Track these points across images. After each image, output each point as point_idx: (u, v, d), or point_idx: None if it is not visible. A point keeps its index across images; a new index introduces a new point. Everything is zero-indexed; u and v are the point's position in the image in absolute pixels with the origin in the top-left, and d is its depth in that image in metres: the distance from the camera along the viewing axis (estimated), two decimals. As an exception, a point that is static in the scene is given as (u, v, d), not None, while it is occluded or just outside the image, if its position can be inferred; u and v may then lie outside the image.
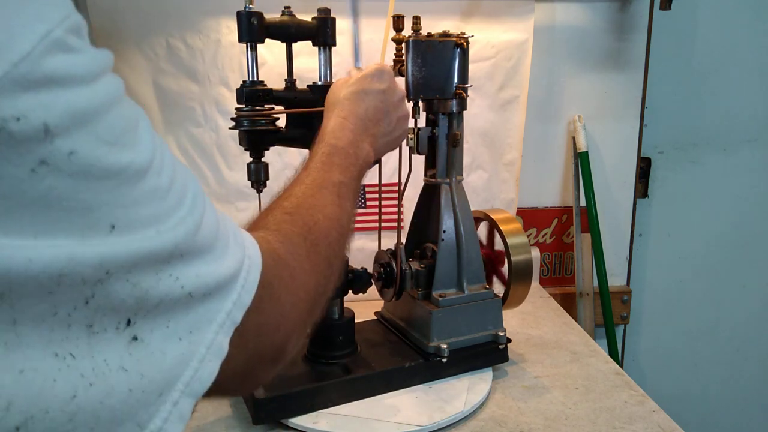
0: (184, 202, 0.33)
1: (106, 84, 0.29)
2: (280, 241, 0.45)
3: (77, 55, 0.27)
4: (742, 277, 1.48)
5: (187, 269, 0.32)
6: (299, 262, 0.46)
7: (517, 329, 1.09)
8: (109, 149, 0.28)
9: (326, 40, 0.79)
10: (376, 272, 0.90)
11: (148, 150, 0.31)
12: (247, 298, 0.37)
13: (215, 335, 0.34)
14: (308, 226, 0.50)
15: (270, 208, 0.51)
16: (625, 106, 1.33)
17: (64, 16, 0.27)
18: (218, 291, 0.35)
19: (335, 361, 0.86)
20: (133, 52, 1.15)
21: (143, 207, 0.30)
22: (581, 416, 0.80)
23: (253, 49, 0.75)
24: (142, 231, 0.29)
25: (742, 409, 1.55)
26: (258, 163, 0.77)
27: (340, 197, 0.55)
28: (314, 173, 0.56)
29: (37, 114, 0.25)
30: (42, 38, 0.26)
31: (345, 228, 0.55)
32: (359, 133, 0.63)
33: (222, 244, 0.36)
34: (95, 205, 0.27)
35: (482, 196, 1.29)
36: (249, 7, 0.72)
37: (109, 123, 0.28)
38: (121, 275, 0.28)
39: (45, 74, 0.25)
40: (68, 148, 0.26)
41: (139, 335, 0.30)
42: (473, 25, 1.22)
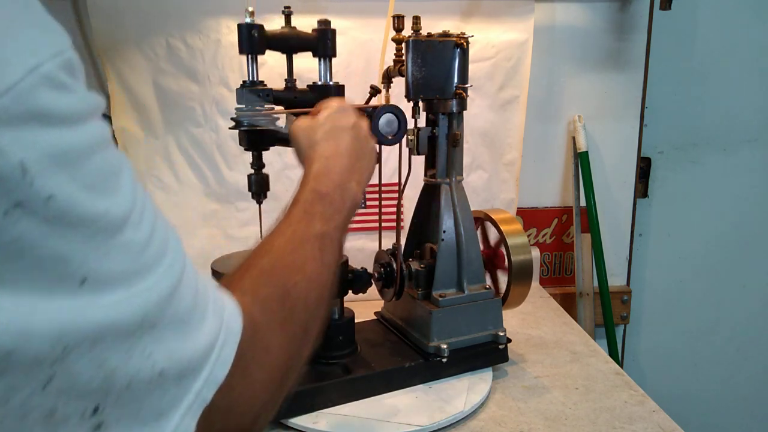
0: (161, 261, 0.30)
1: (92, 128, 0.28)
2: (255, 306, 0.41)
3: (66, 93, 0.26)
4: (742, 277, 1.48)
5: (159, 344, 0.29)
6: (274, 332, 0.42)
7: (517, 329, 1.09)
8: (88, 196, 0.26)
9: (326, 52, 0.78)
10: (376, 272, 0.90)
11: (128, 201, 0.29)
12: (220, 373, 0.34)
13: (182, 419, 0.31)
14: (286, 289, 0.46)
15: (247, 266, 0.46)
16: (625, 106, 1.33)
17: (58, 51, 0.26)
18: (191, 368, 0.32)
19: (335, 361, 0.86)
20: (133, 52, 1.15)
21: (117, 261, 0.27)
22: (581, 416, 0.80)
23: (254, 58, 0.75)
24: (114, 288, 0.27)
25: (742, 409, 1.55)
26: (259, 175, 0.78)
27: (322, 251, 0.51)
28: (295, 224, 0.52)
29: (15, 151, 0.23)
30: (30, 71, 0.24)
31: (326, 286, 0.50)
32: (346, 173, 0.59)
33: (199, 314, 0.33)
34: (68, 254, 0.25)
35: (482, 196, 1.29)
36: (249, 20, 0.72)
37: (90, 168, 0.27)
38: (83, 352, 0.25)
39: (29, 109, 0.24)
40: (47, 192, 0.24)
41: (105, 422, 0.27)
42: (473, 25, 1.22)
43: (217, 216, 1.22)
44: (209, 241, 1.22)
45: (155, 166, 1.20)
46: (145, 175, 1.20)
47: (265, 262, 0.47)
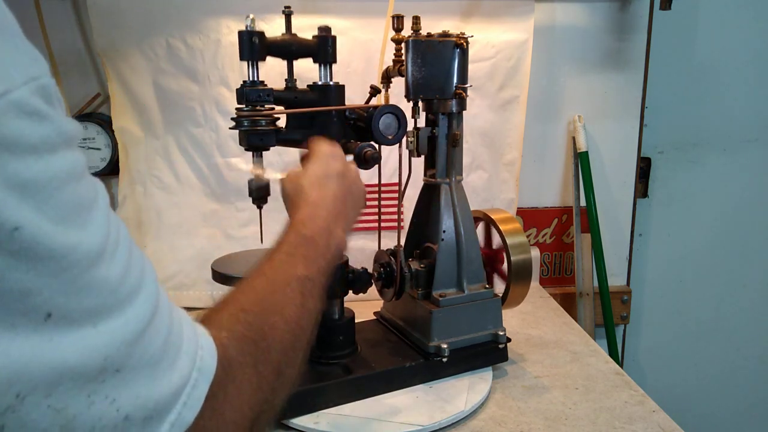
0: (134, 298, 0.29)
1: (64, 159, 0.26)
2: (231, 344, 0.40)
3: (37, 122, 0.25)
4: (742, 277, 1.48)
5: (124, 389, 0.28)
6: (246, 371, 0.41)
7: (517, 329, 1.09)
8: (56, 228, 0.25)
9: (327, 58, 0.79)
10: (376, 272, 0.90)
11: (101, 234, 0.28)
12: (189, 415, 0.33)
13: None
14: (263, 330, 0.44)
15: (227, 301, 0.46)
16: (625, 106, 1.33)
17: (31, 77, 0.25)
18: (158, 412, 0.30)
19: (336, 362, 0.86)
20: (133, 52, 1.15)
21: (87, 298, 0.26)
22: (581, 416, 0.80)
23: (254, 64, 0.75)
24: (79, 326, 0.26)
25: (742, 409, 1.55)
26: (259, 181, 0.78)
27: (303, 295, 0.50)
28: (278, 266, 0.51)
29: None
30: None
31: (304, 331, 0.50)
32: (332, 220, 0.59)
33: (171, 355, 0.32)
34: (33, 288, 0.24)
35: (482, 196, 1.29)
36: (251, 27, 0.72)
37: (59, 200, 0.26)
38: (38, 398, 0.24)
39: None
40: (12, 224, 0.23)
41: None
42: (473, 25, 1.22)
43: (217, 216, 1.22)
44: (209, 241, 1.22)
45: (155, 166, 1.20)
46: (145, 175, 1.20)
47: (244, 300, 0.46)
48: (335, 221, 0.60)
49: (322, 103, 0.79)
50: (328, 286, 0.56)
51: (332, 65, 0.80)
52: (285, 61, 0.80)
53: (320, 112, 0.78)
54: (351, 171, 0.67)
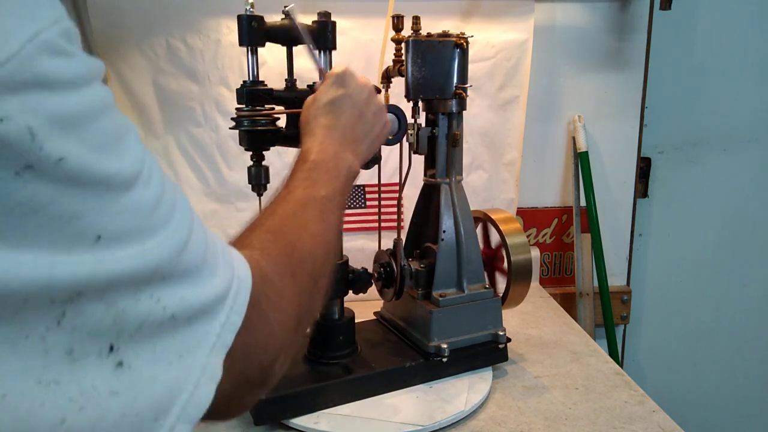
0: (171, 218, 0.32)
1: (95, 91, 0.28)
2: (265, 260, 0.44)
3: (67, 59, 0.27)
4: (742, 277, 1.48)
5: (170, 291, 0.31)
6: (285, 281, 0.45)
7: (517, 329, 1.09)
8: (97, 157, 0.27)
9: (327, 44, 0.78)
10: (376, 272, 0.90)
11: (137, 161, 0.30)
12: (237, 319, 0.36)
13: (207, 358, 0.33)
14: (293, 245, 0.48)
15: (252, 227, 0.49)
16: (625, 106, 1.33)
17: (56, 19, 0.27)
18: (205, 313, 0.34)
19: (336, 362, 0.86)
20: (133, 52, 1.15)
21: (130, 219, 0.29)
22: (581, 416, 0.80)
23: (253, 52, 0.75)
24: (128, 245, 0.28)
25: (742, 409, 1.55)
26: (258, 167, 0.77)
27: (323, 213, 0.54)
28: (296, 190, 0.55)
29: (23, 117, 0.24)
30: (31, 38, 0.25)
31: (330, 244, 0.54)
32: (339, 145, 0.62)
33: (210, 265, 0.35)
34: (81, 213, 0.26)
35: (482, 196, 1.29)
36: (250, 11, 0.72)
37: (98, 130, 0.28)
38: (94, 295, 0.27)
39: (33, 76, 0.25)
40: (57, 155, 0.25)
41: (125, 361, 0.29)
42: (473, 25, 1.22)
43: (217, 216, 1.22)
44: (209, 241, 1.22)
45: (155, 166, 1.20)
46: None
47: (269, 223, 0.50)
48: (343, 146, 0.62)
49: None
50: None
51: (332, 52, 0.79)
52: (285, 57, 0.80)
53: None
54: (361, 91, 0.67)
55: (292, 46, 0.80)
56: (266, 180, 0.78)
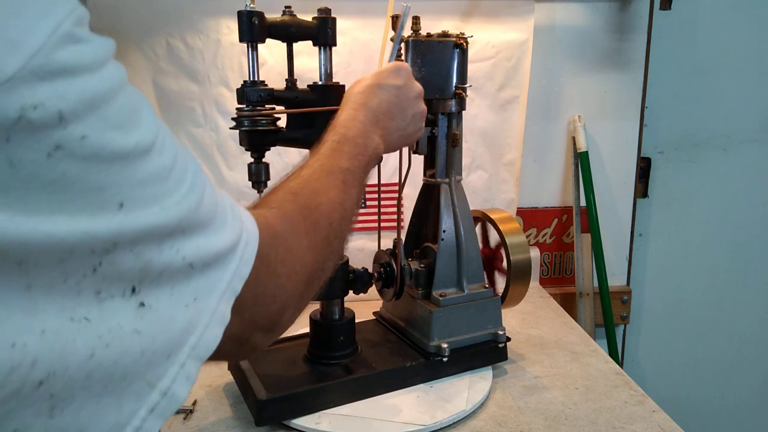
0: (185, 180, 0.35)
1: (112, 70, 0.31)
2: (278, 217, 0.47)
3: (85, 45, 0.29)
4: (743, 277, 1.48)
5: (188, 242, 0.34)
6: (297, 237, 0.48)
7: (517, 329, 1.09)
8: (116, 132, 0.30)
9: (327, 41, 0.79)
10: (376, 272, 0.90)
11: (152, 131, 0.32)
12: (245, 269, 0.39)
13: (218, 303, 0.36)
14: (309, 207, 0.51)
15: (276, 188, 0.53)
16: (625, 106, 1.34)
17: (71, 9, 0.29)
18: (218, 262, 0.37)
19: (336, 362, 0.86)
20: (133, 52, 1.15)
21: (148, 186, 0.31)
22: (581, 416, 0.80)
23: (254, 48, 0.75)
24: (148, 208, 0.31)
25: (742, 409, 1.55)
26: (259, 164, 0.77)
27: (345, 183, 0.57)
28: (322, 159, 0.58)
29: (53, 102, 0.26)
30: (52, 32, 0.27)
31: (348, 212, 0.56)
32: (370, 125, 0.64)
33: (221, 219, 0.38)
34: (105, 185, 0.29)
35: (482, 196, 1.29)
36: (250, 7, 0.72)
37: (116, 107, 0.30)
38: (126, 246, 0.30)
39: (58, 65, 0.27)
40: (80, 133, 0.28)
41: (146, 301, 0.32)
42: (473, 25, 1.22)
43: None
44: (209, 241, 1.22)
45: (155, 166, 1.20)
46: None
47: (293, 185, 0.53)
48: (373, 128, 0.65)
49: (323, 103, 0.79)
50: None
51: (332, 49, 0.80)
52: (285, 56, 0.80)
53: (320, 112, 0.78)
54: (411, 89, 0.70)
55: (292, 43, 0.80)
56: (266, 177, 0.79)
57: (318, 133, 0.79)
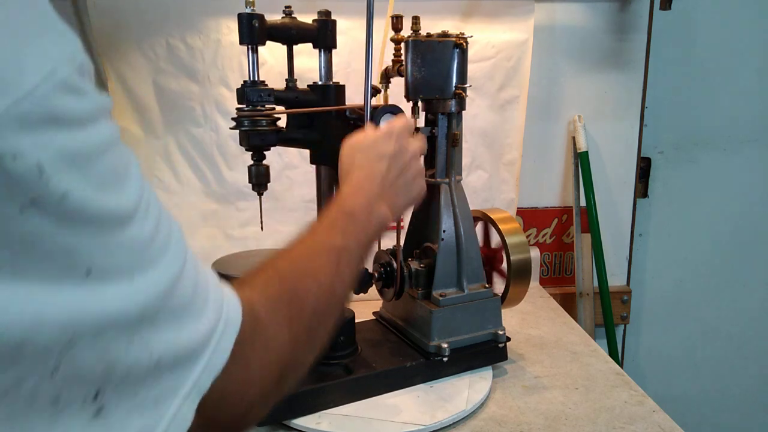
0: (164, 254, 0.32)
1: (103, 128, 0.29)
2: (262, 303, 0.43)
3: (79, 96, 0.27)
4: (743, 277, 1.48)
5: (157, 334, 0.31)
6: (278, 328, 0.43)
7: (517, 329, 1.09)
8: (98, 194, 0.27)
9: (327, 43, 0.79)
10: (376, 272, 0.90)
11: (135, 196, 0.30)
12: (218, 362, 0.35)
13: (180, 407, 0.32)
14: (296, 293, 0.47)
15: (264, 266, 0.48)
16: (625, 106, 1.34)
17: (71, 55, 0.27)
18: (188, 357, 0.33)
19: (336, 362, 0.86)
20: (133, 52, 1.15)
21: (122, 254, 0.29)
22: (581, 416, 0.80)
23: (254, 50, 0.75)
24: (117, 280, 0.28)
25: (742, 409, 1.55)
26: (259, 166, 0.77)
27: (338, 264, 0.52)
28: (317, 236, 0.54)
29: (33, 153, 0.24)
30: (47, 77, 0.25)
31: (338, 298, 0.52)
32: (374, 197, 0.61)
33: (199, 304, 0.34)
34: (76, 248, 0.27)
35: (482, 196, 1.29)
36: (250, 9, 0.72)
37: (102, 167, 0.28)
38: (87, 342, 0.27)
39: (46, 113, 0.25)
40: (61, 191, 0.26)
41: (105, 408, 0.29)
42: (473, 25, 1.22)
43: (217, 216, 1.22)
44: (209, 241, 1.22)
45: (155, 166, 1.20)
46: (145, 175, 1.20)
47: (280, 264, 0.49)
48: (378, 199, 0.62)
49: (323, 103, 0.79)
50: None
51: (332, 51, 0.79)
52: (285, 56, 0.80)
53: (320, 112, 0.78)
54: (406, 152, 0.67)
55: (292, 45, 0.80)
56: (266, 179, 0.78)
57: (318, 133, 0.79)
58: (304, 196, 1.23)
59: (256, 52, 0.75)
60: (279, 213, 1.23)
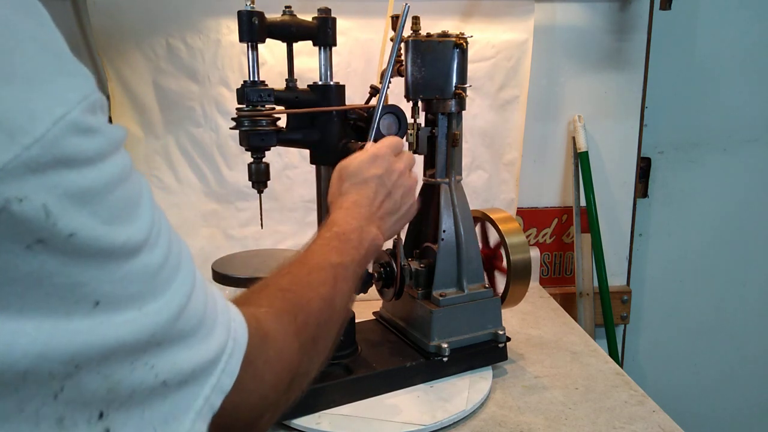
0: (174, 280, 0.32)
1: (114, 163, 0.28)
2: (269, 318, 0.44)
3: (91, 136, 0.27)
4: (742, 277, 1.48)
5: (163, 357, 0.31)
6: (287, 339, 0.45)
7: (517, 329, 1.09)
8: (107, 228, 0.27)
9: (327, 40, 0.79)
10: (376, 272, 0.90)
11: (146, 227, 0.30)
12: (227, 382, 0.36)
13: (192, 424, 0.33)
14: (300, 305, 0.49)
15: (265, 284, 0.50)
16: (625, 106, 1.34)
17: (84, 96, 0.27)
18: (196, 378, 0.33)
19: (336, 362, 0.86)
20: (133, 52, 1.15)
21: (130, 285, 0.29)
22: (581, 416, 0.80)
23: (254, 48, 0.75)
24: (126, 309, 0.28)
25: (741, 409, 1.55)
26: (259, 164, 0.77)
27: (336, 279, 0.55)
28: (314, 255, 0.57)
29: (40, 196, 0.24)
30: (57, 121, 0.25)
31: (338, 311, 0.54)
32: (364, 220, 0.64)
33: (207, 327, 0.35)
34: (83, 281, 0.26)
35: (482, 196, 1.29)
36: (250, 7, 0.72)
37: (112, 201, 0.28)
38: (92, 368, 0.27)
39: (55, 156, 0.25)
40: (69, 231, 0.25)
41: (112, 428, 0.29)
42: (473, 25, 1.22)
43: (217, 216, 1.22)
44: (209, 241, 1.22)
45: (155, 166, 1.20)
46: (145, 175, 1.20)
47: (282, 282, 0.51)
48: (367, 222, 0.64)
49: (323, 103, 0.79)
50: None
51: (332, 49, 0.79)
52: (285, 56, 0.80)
53: (321, 112, 0.78)
54: (393, 173, 0.69)
55: (292, 43, 0.80)
56: (266, 177, 0.78)
57: (318, 133, 0.79)
58: (304, 196, 1.23)
59: (256, 50, 0.75)
60: (279, 213, 1.23)
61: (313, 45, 0.79)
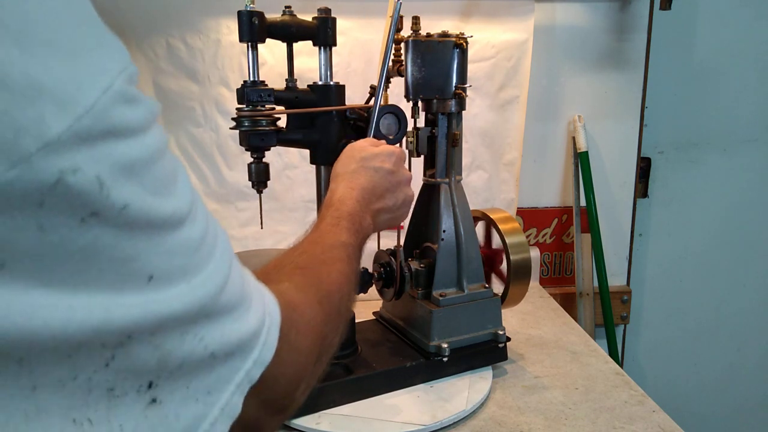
0: (213, 254, 0.32)
1: (155, 135, 0.29)
2: (293, 291, 0.45)
3: (135, 106, 0.27)
4: (742, 277, 1.48)
5: (212, 329, 0.31)
6: (314, 309, 0.46)
7: (517, 329, 1.09)
8: (154, 200, 0.28)
9: (327, 40, 0.79)
10: (376, 272, 0.90)
11: (188, 199, 0.31)
12: (267, 355, 0.36)
13: (231, 396, 0.33)
14: (320, 279, 0.50)
15: (280, 264, 0.51)
16: (625, 106, 1.34)
17: (124, 66, 0.27)
18: (241, 350, 0.34)
19: (336, 362, 0.86)
20: (133, 52, 1.15)
21: (178, 258, 0.29)
22: (581, 416, 0.80)
23: (254, 48, 0.75)
24: (177, 282, 0.29)
25: (741, 409, 1.55)
26: (259, 164, 0.77)
27: (349, 257, 0.57)
28: (324, 234, 0.58)
29: (93, 167, 0.25)
30: (105, 91, 0.25)
31: (353, 284, 0.56)
32: (362, 205, 0.65)
33: (247, 301, 0.35)
34: (136, 255, 0.27)
35: (482, 196, 1.29)
36: (250, 7, 0.72)
37: (156, 174, 0.28)
38: (144, 338, 0.28)
39: (105, 127, 0.25)
40: (122, 202, 0.26)
41: (159, 397, 0.29)
42: (473, 25, 1.22)
43: (217, 216, 1.21)
44: (209, 241, 1.22)
45: (155, 166, 1.20)
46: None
47: (298, 260, 0.52)
48: (364, 208, 0.66)
49: (323, 103, 0.79)
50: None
51: (332, 49, 0.79)
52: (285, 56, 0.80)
53: (321, 112, 0.78)
54: (402, 175, 0.72)
55: (292, 43, 0.80)
56: (266, 177, 0.78)
57: (318, 133, 0.79)
58: (304, 196, 1.23)
59: (255, 49, 0.75)
60: (279, 213, 1.23)
61: (313, 45, 0.79)
